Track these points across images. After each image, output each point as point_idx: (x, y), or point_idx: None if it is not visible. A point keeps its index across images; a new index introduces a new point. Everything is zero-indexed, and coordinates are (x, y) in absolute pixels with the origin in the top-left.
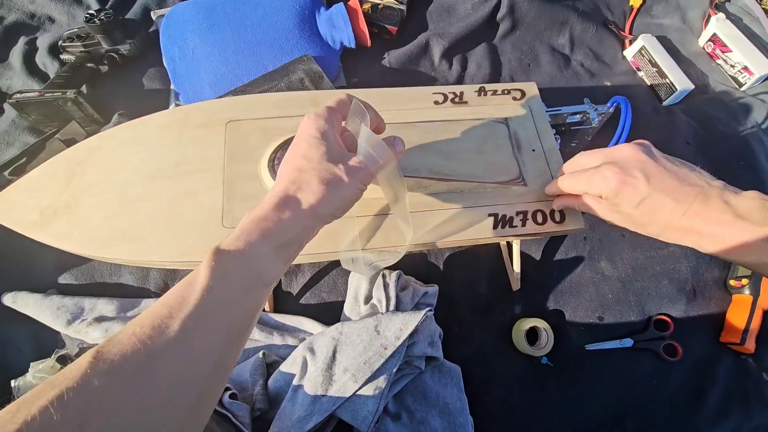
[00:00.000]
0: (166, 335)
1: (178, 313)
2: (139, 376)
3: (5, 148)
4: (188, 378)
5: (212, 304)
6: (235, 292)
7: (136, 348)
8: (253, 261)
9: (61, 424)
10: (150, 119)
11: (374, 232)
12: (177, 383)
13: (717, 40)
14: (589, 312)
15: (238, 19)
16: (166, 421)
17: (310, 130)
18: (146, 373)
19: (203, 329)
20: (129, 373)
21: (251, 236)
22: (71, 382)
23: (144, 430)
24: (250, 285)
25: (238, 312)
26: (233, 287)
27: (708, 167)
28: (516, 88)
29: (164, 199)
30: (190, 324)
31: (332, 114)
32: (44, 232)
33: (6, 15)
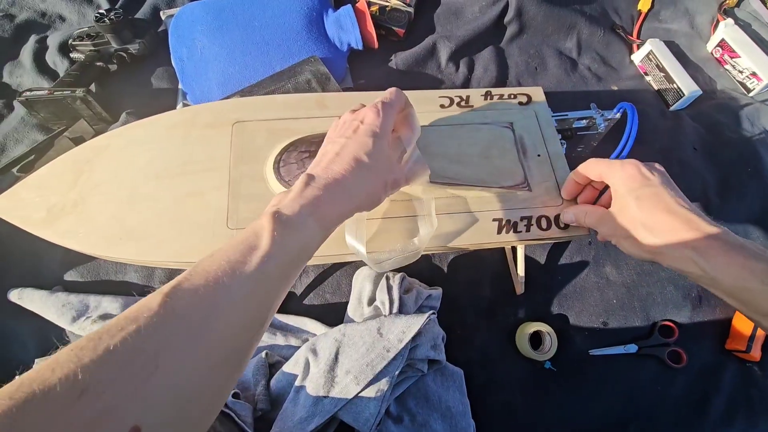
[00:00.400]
0: (230, 293)
1: (240, 273)
2: (207, 327)
3: (14, 145)
4: (243, 338)
5: (269, 271)
6: (287, 263)
7: (204, 298)
8: (305, 236)
9: (141, 357)
10: (158, 119)
11: (387, 233)
12: (234, 341)
13: (725, 45)
14: (594, 317)
15: (246, 20)
16: (223, 374)
17: (373, 127)
18: (213, 326)
19: (260, 293)
20: (197, 322)
21: (305, 210)
22: (146, 319)
23: (208, 378)
24: (299, 258)
25: (285, 281)
26: (287, 258)
27: (715, 173)
28: (522, 92)
29: (170, 198)
30: (249, 288)
31: (391, 112)
32: (51, 230)
33: (17, 13)
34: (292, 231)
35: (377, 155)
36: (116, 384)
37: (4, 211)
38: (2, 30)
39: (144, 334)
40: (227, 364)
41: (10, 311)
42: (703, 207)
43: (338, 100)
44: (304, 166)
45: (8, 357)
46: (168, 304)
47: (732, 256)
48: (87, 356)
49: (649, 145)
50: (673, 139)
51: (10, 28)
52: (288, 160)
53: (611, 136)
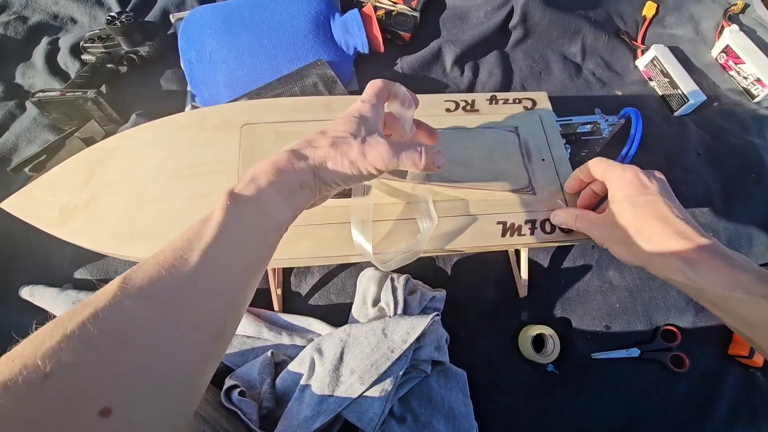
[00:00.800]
0: (188, 264)
1: (197, 245)
2: (168, 301)
3: (26, 144)
4: (211, 307)
5: (228, 240)
6: (249, 232)
7: (162, 275)
8: (264, 205)
9: (100, 338)
10: (168, 121)
11: (392, 235)
12: (202, 310)
13: (730, 51)
14: (596, 320)
15: (254, 24)
16: (196, 347)
17: (351, 111)
18: (174, 298)
19: (222, 262)
20: (158, 297)
21: (261, 183)
22: (103, 302)
23: (178, 353)
24: (262, 227)
25: (252, 251)
26: (246, 226)
27: (719, 179)
28: (527, 97)
29: (179, 199)
30: (210, 255)
31: (378, 102)
32: (63, 229)
33: (30, 15)
34: (244, 199)
35: (339, 126)
36: (80, 367)
37: (18, 210)
38: (15, 32)
39: (102, 316)
40: (201, 339)
41: (21, 308)
42: (707, 212)
43: (345, 102)
44: None
45: None
46: (126, 285)
47: (719, 266)
48: (46, 343)
49: (652, 150)
50: (677, 144)
51: (23, 29)
52: None
53: (615, 141)
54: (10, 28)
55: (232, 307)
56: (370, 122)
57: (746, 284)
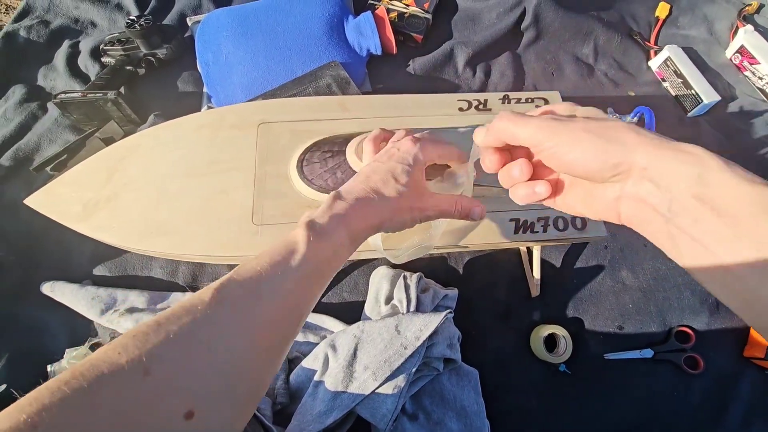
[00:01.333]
0: (272, 287)
1: (281, 272)
2: (251, 313)
3: (48, 144)
4: (283, 325)
5: (306, 270)
6: (321, 264)
7: (249, 291)
8: (335, 243)
9: (194, 344)
10: (187, 120)
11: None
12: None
13: (745, 51)
14: (609, 321)
15: (270, 26)
16: (266, 354)
17: (406, 155)
18: (256, 312)
19: (298, 290)
20: (243, 309)
21: (335, 220)
22: (200, 311)
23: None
24: (331, 262)
25: (319, 281)
26: (321, 260)
27: None
28: (540, 96)
29: (198, 195)
30: (290, 283)
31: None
32: (85, 224)
33: (52, 20)
34: (324, 237)
35: (406, 180)
36: (175, 365)
37: (42, 206)
38: (38, 35)
39: (199, 322)
40: (270, 349)
41: (42, 303)
42: None
43: (359, 102)
44: (326, 166)
45: (40, 347)
46: (218, 296)
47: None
48: (150, 341)
49: None
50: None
51: (45, 33)
52: (311, 159)
53: None
54: (33, 31)
55: (296, 327)
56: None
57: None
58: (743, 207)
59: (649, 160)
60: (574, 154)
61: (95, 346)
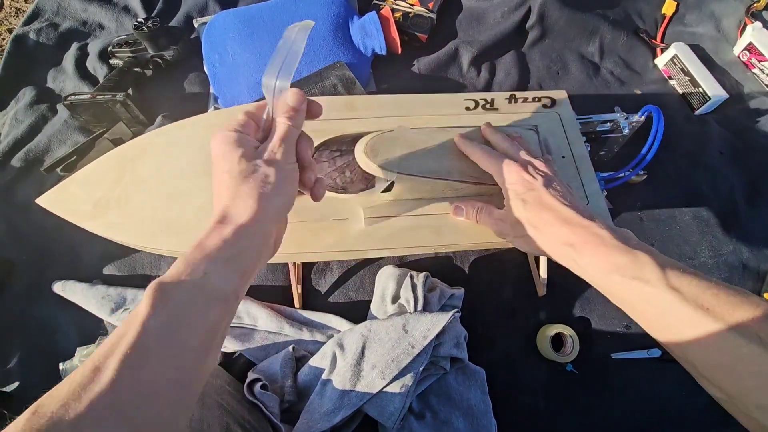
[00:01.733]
0: (106, 375)
1: (116, 350)
2: (79, 423)
3: (58, 146)
4: (140, 407)
5: (155, 333)
6: (183, 316)
7: (75, 398)
8: (198, 281)
9: None
10: (197, 120)
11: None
12: (125, 415)
13: (753, 49)
14: (616, 320)
15: (275, 28)
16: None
17: (220, 145)
18: (85, 419)
19: (150, 360)
20: (68, 423)
21: (193, 259)
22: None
23: None
24: (201, 304)
25: (191, 333)
26: (179, 311)
27: (743, 178)
28: (546, 95)
29: (208, 195)
30: (132, 358)
31: (241, 123)
32: (96, 223)
33: (61, 22)
34: (177, 284)
35: (230, 165)
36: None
37: (54, 205)
38: (47, 38)
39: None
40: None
41: (54, 302)
42: (731, 211)
43: (366, 102)
44: (335, 165)
45: (52, 345)
46: (35, 416)
47: (598, 248)
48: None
49: (673, 149)
50: (698, 143)
51: (54, 36)
52: (320, 158)
53: (635, 139)
54: (43, 34)
55: (177, 391)
56: (243, 140)
57: (622, 265)
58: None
59: None
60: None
61: None
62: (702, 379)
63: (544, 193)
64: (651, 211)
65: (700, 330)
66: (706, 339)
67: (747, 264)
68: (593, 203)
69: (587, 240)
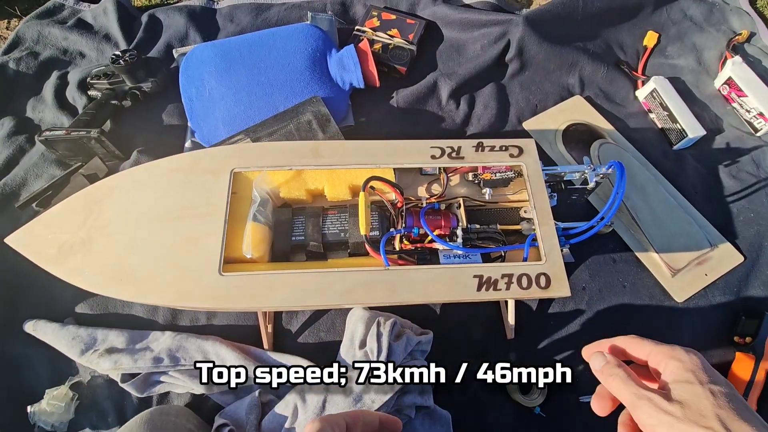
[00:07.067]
0: None
1: None
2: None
3: (34, 179)
4: None
5: None
6: None
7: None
8: None
9: None
10: (163, 162)
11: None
12: None
13: (732, 83)
14: (584, 365)
15: (252, 61)
16: None
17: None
18: None
19: None
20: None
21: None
22: None
23: None
24: None
25: None
26: None
27: (716, 218)
28: (514, 144)
29: (168, 242)
30: None
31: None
32: (60, 267)
33: (41, 51)
34: None
35: None
36: None
37: (21, 246)
38: (27, 67)
39: None
40: None
41: (25, 341)
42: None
43: (332, 148)
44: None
45: (23, 385)
46: None
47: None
48: None
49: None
50: (674, 180)
51: (34, 65)
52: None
53: (606, 184)
54: (23, 63)
55: None
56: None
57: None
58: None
59: None
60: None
61: (76, 386)
62: None
63: (736, 395)
64: (623, 253)
65: None
66: None
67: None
68: (550, 260)
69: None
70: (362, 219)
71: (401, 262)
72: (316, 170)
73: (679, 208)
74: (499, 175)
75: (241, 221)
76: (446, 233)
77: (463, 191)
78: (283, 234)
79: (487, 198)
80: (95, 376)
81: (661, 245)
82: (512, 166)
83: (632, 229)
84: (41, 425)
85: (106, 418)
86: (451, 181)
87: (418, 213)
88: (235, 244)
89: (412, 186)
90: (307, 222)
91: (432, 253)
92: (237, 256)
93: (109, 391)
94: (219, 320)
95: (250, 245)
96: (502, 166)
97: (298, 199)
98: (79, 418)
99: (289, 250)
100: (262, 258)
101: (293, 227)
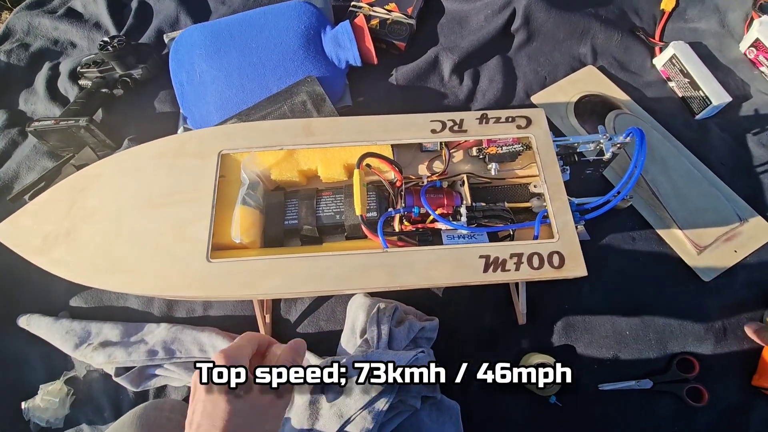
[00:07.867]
0: None
1: None
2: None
3: (27, 172)
4: None
5: None
6: None
7: None
8: None
9: None
10: (148, 147)
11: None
12: None
13: (760, 45)
14: (604, 349)
15: (243, 42)
16: None
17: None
18: None
19: None
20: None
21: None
22: None
23: None
24: None
25: None
26: None
27: (745, 190)
28: (521, 114)
29: (154, 229)
30: None
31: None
32: (45, 258)
33: (32, 42)
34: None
35: None
36: None
37: (7, 238)
38: (18, 59)
39: None
40: None
41: (21, 335)
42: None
43: (325, 125)
44: None
45: (18, 381)
46: None
47: None
48: None
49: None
50: (698, 152)
51: (25, 56)
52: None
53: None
54: (14, 55)
55: None
56: None
57: None
58: None
59: None
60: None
61: (71, 380)
62: None
63: None
64: (643, 231)
65: None
66: None
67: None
68: (563, 238)
69: None
70: (357, 199)
71: (401, 243)
72: (309, 149)
73: (704, 180)
74: (506, 148)
75: (231, 206)
76: (449, 212)
77: (467, 167)
78: (276, 218)
79: (493, 174)
80: (91, 370)
81: (685, 221)
82: (520, 138)
83: (653, 205)
84: (36, 421)
85: (102, 413)
86: (454, 157)
87: (419, 192)
88: (225, 230)
89: (412, 164)
90: (301, 205)
91: (434, 234)
92: (227, 243)
93: (104, 386)
94: (216, 311)
95: (238, 230)
96: (508, 139)
97: (291, 181)
98: (74, 414)
99: (282, 234)
100: (253, 243)
101: (286, 211)
